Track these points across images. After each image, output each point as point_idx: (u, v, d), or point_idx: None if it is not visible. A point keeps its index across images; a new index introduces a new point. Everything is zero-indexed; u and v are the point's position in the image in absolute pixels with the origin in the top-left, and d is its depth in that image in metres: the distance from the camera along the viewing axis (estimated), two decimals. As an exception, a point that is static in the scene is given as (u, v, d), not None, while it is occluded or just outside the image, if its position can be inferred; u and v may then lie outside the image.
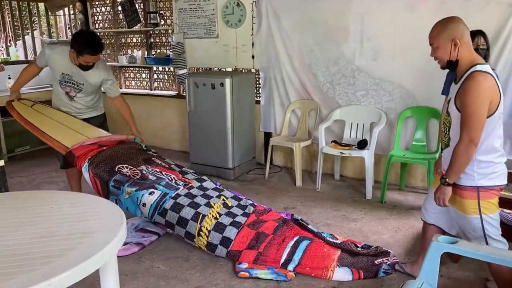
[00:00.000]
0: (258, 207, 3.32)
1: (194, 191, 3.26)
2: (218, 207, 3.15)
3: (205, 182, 3.43)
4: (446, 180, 2.21)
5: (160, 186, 3.19)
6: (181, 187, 3.26)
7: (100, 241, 1.58)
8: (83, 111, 3.69)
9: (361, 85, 4.31)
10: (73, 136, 3.44)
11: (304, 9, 4.43)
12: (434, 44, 2.23)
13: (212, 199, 3.22)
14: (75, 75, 3.47)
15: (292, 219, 3.31)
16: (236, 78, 4.53)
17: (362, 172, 4.31)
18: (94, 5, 6.32)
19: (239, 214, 3.15)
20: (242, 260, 2.87)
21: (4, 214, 1.88)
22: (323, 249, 2.91)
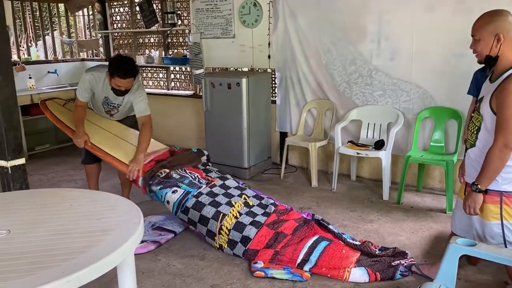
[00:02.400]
0: (280, 207, 3.33)
1: (216, 190, 3.34)
2: (239, 206, 3.20)
3: (228, 181, 3.51)
4: (477, 187, 2.10)
5: (183, 185, 3.30)
6: (203, 185, 3.36)
7: (118, 239, 1.61)
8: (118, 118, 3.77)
9: (379, 85, 4.28)
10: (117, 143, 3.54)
11: (321, 8, 4.42)
12: (476, 36, 2.11)
13: (234, 198, 3.28)
14: (113, 99, 3.49)
15: (313, 219, 3.30)
16: (252, 78, 4.54)
17: (379, 172, 4.27)
18: (113, 6, 6.40)
19: (259, 214, 3.18)
20: (258, 259, 2.88)
21: (25, 211, 1.93)
22: (341, 251, 2.88)
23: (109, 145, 3.50)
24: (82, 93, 3.42)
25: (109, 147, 3.49)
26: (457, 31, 3.74)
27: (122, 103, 3.55)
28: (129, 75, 3.20)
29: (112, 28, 6.46)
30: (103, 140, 3.51)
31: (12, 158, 2.48)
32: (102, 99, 3.53)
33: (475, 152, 2.17)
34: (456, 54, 3.79)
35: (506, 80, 2.00)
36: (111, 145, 3.51)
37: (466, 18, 3.64)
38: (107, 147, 3.47)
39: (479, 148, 2.15)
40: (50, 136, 5.93)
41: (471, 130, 2.21)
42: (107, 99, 3.52)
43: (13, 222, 1.79)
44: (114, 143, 3.56)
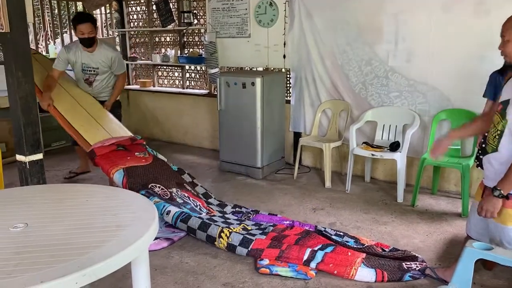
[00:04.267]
0: (279, 226, 3.33)
1: (216, 218, 3.41)
2: (238, 230, 3.21)
3: (228, 214, 3.57)
4: (500, 192, 2.04)
5: (185, 209, 3.38)
6: (204, 213, 3.46)
7: (133, 235, 1.62)
8: (100, 93, 4.26)
9: (394, 86, 4.24)
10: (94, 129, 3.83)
11: (337, 9, 4.40)
12: (506, 37, 2.06)
13: (233, 225, 3.31)
14: (88, 61, 4.07)
15: (315, 230, 3.29)
16: (267, 78, 4.54)
17: (394, 174, 4.24)
18: (130, 4, 6.46)
19: (258, 233, 3.19)
20: (264, 256, 2.89)
21: (43, 205, 1.96)
22: (347, 252, 2.89)
23: (76, 119, 3.82)
24: (57, 62, 4.06)
25: (76, 120, 3.79)
26: (475, 32, 3.70)
27: (98, 65, 4.09)
28: (85, 19, 3.93)
29: (129, 27, 6.53)
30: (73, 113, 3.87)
31: (30, 153, 2.53)
32: (81, 67, 4.10)
33: (497, 158, 2.11)
34: (474, 56, 3.74)
35: None
36: (79, 120, 3.83)
37: (485, 19, 3.63)
38: (74, 119, 3.79)
39: (502, 153, 2.09)
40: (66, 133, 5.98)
41: (493, 134, 2.15)
42: (84, 65, 4.10)
43: (30, 215, 1.82)
44: (84, 119, 3.91)
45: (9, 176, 3.85)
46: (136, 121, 6.67)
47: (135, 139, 3.94)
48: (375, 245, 3.09)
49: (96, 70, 4.13)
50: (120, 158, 3.66)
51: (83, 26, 3.89)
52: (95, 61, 4.08)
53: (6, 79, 2.53)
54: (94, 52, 4.05)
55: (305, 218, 3.65)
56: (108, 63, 4.12)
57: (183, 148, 6.00)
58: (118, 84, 4.29)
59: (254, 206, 3.92)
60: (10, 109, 2.58)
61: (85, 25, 3.90)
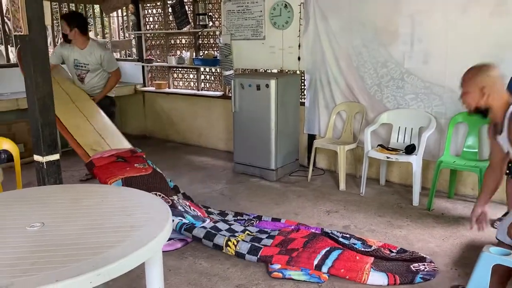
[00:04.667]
0: (284, 229, 3.31)
1: (220, 225, 3.36)
2: (243, 237, 3.19)
3: (230, 222, 3.50)
4: None
5: (188, 216, 3.36)
6: (207, 220, 3.41)
7: (147, 235, 1.63)
8: (93, 90, 4.51)
9: (410, 88, 4.19)
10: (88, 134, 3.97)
11: (352, 10, 4.37)
12: (464, 89, 2.18)
13: (237, 232, 3.27)
14: (80, 58, 4.38)
15: (322, 232, 3.27)
16: (282, 80, 4.54)
17: (409, 178, 4.19)
18: (146, 7, 6.52)
19: (264, 238, 3.17)
20: (275, 261, 2.87)
21: (59, 205, 1.98)
22: (355, 257, 2.88)
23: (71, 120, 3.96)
24: (51, 55, 4.35)
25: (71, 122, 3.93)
26: (494, 33, 3.64)
27: (88, 61, 4.38)
28: (62, 17, 4.43)
29: (145, 29, 6.59)
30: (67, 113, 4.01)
31: (47, 153, 2.56)
32: (73, 62, 4.41)
33: None
34: (492, 57, 3.64)
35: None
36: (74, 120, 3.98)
37: (504, 19, 3.57)
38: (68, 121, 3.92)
39: None
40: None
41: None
42: (76, 61, 4.40)
43: (47, 215, 1.84)
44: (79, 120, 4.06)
45: (27, 176, 3.92)
46: (152, 122, 6.73)
47: (135, 152, 3.95)
48: (382, 246, 3.08)
49: (87, 66, 4.42)
50: (119, 169, 3.59)
51: (64, 25, 4.30)
52: (85, 58, 4.39)
53: (25, 80, 2.57)
54: (85, 49, 4.37)
55: (319, 220, 3.63)
56: (98, 61, 4.41)
57: (198, 150, 6.02)
58: (110, 80, 4.56)
59: (267, 208, 3.91)
60: (28, 110, 2.62)
61: (63, 22, 4.34)
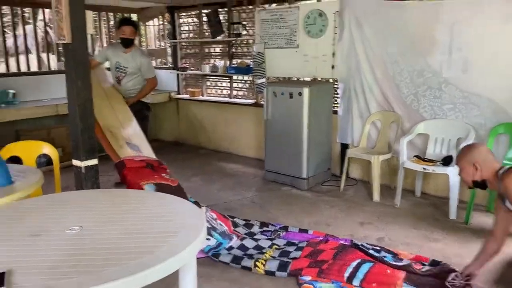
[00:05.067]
0: (313, 240, 3.25)
1: (247, 243, 3.27)
2: (271, 252, 3.13)
3: (257, 235, 3.43)
4: None
5: (215, 234, 3.24)
6: (234, 238, 3.32)
7: (183, 242, 1.64)
8: (128, 93, 4.63)
9: (448, 98, 4.08)
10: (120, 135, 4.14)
11: (389, 18, 4.31)
12: (459, 165, 2.43)
13: (265, 249, 3.20)
14: (122, 61, 4.56)
15: (352, 244, 3.19)
16: (314, 88, 4.51)
17: (446, 190, 4.06)
18: (181, 16, 6.64)
19: (292, 250, 3.11)
20: (305, 274, 2.82)
21: (97, 209, 2.02)
22: (386, 270, 2.79)
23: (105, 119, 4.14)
24: (98, 54, 4.89)
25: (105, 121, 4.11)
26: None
27: (129, 65, 4.55)
28: (129, 23, 4.53)
29: (180, 38, 6.71)
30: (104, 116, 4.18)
31: (86, 158, 2.63)
32: (115, 64, 4.60)
33: None
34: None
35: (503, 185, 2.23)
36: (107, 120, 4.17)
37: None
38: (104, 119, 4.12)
39: None
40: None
41: None
42: (118, 63, 4.58)
43: (85, 218, 1.89)
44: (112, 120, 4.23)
45: (65, 180, 4.02)
46: (185, 129, 6.81)
47: (162, 163, 4.01)
48: (414, 258, 3.00)
49: (126, 70, 4.58)
50: (149, 175, 3.62)
51: (127, 28, 4.47)
52: (127, 62, 4.56)
53: (67, 87, 2.66)
54: (128, 54, 4.56)
55: (352, 232, 3.57)
56: (138, 66, 4.57)
57: (229, 157, 6.05)
58: (145, 87, 4.70)
59: (298, 217, 3.88)
60: (69, 115, 2.70)
61: (128, 27, 4.47)
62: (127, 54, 4.55)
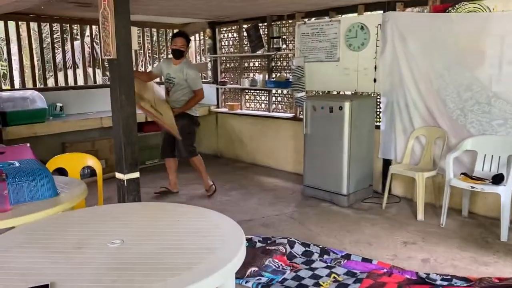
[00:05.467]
0: (375, 271, 3.02)
1: (302, 273, 3.07)
2: (327, 284, 2.92)
3: (315, 263, 3.22)
4: None
5: (266, 273, 3.06)
6: (287, 271, 3.11)
7: (222, 259, 1.61)
8: (176, 103, 4.73)
9: (498, 113, 3.89)
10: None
11: (433, 31, 4.18)
12: None
13: (322, 278, 2.99)
14: (171, 72, 4.69)
15: (418, 278, 2.92)
16: (356, 102, 4.42)
17: (496, 210, 3.84)
18: (222, 31, 6.74)
19: (350, 283, 2.88)
20: None
21: (138, 223, 2.04)
22: None
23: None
24: (154, 67, 5.21)
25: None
26: None
27: (176, 76, 4.66)
28: (180, 35, 4.71)
29: (220, 53, 6.79)
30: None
31: (129, 171, 2.67)
32: (166, 76, 4.74)
33: None
34: None
35: None
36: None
37: None
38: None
39: None
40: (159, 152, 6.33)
41: None
42: (168, 74, 4.72)
43: (126, 232, 1.89)
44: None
45: (107, 191, 4.11)
46: (223, 142, 6.85)
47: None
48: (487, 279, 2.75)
49: (174, 80, 4.69)
50: None
51: (178, 39, 4.65)
52: (175, 73, 4.67)
53: (111, 101, 2.72)
54: (177, 65, 4.66)
55: (395, 252, 3.43)
56: (184, 77, 4.64)
57: (266, 171, 6.02)
58: (192, 98, 4.75)
59: (339, 235, 3.77)
60: (113, 129, 2.76)
61: (179, 39, 4.65)
62: (176, 65, 4.67)
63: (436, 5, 4.23)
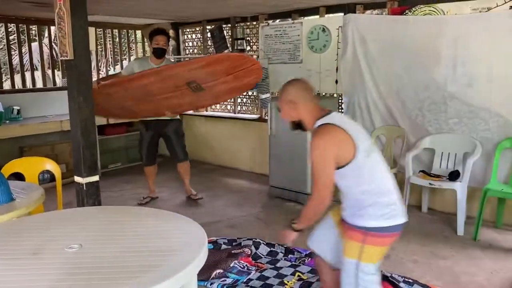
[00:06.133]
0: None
1: (267, 273, 3.10)
2: (292, 283, 2.96)
3: (279, 262, 3.26)
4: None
5: (231, 274, 3.07)
6: (252, 271, 3.12)
7: (183, 260, 1.61)
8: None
9: (454, 113, 4.04)
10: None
11: (392, 33, 4.30)
12: (278, 106, 2.21)
13: (286, 277, 3.04)
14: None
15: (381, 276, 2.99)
16: (318, 103, 4.48)
17: (453, 205, 3.99)
18: (186, 32, 6.69)
19: (314, 281, 2.93)
20: None
21: (98, 227, 1.99)
22: None
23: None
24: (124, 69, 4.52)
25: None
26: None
27: None
28: (163, 33, 4.40)
29: (184, 54, 6.74)
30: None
31: (88, 175, 2.61)
32: None
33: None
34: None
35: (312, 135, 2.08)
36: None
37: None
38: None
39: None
40: (122, 155, 6.24)
41: None
42: None
43: (85, 236, 1.85)
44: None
45: (68, 196, 4.00)
46: (189, 144, 6.74)
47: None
48: None
49: None
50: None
51: (160, 37, 4.34)
52: None
53: (69, 103, 2.65)
54: (160, 64, 4.30)
55: (357, 248, 3.50)
56: None
57: (233, 172, 6.01)
58: None
59: (304, 234, 3.80)
60: (71, 131, 2.69)
61: (161, 37, 4.35)
62: (159, 65, 4.29)
63: (394, 8, 4.36)
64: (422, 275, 3.05)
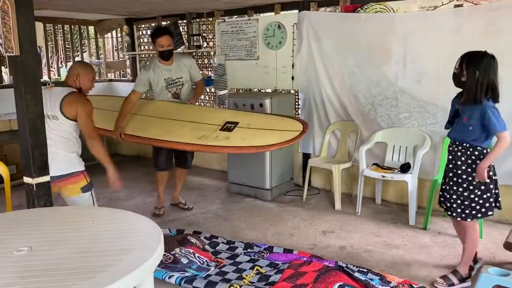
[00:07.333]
0: (296, 261, 3.10)
1: (226, 268, 3.13)
2: (250, 277, 2.98)
3: (239, 257, 3.29)
4: None
5: (191, 270, 3.07)
6: (212, 267, 3.14)
7: (138, 259, 1.59)
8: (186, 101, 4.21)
9: (404, 107, 4.21)
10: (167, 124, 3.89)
11: (345, 30, 4.41)
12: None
13: (245, 271, 3.06)
14: (172, 74, 4.08)
15: (336, 266, 3.06)
16: (276, 99, 4.54)
17: (405, 196, 4.16)
18: (140, 28, 6.56)
19: (272, 274, 2.96)
20: None
21: (48, 228, 1.94)
22: None
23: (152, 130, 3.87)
24: (138, 84, 4.06)
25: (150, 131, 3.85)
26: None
27: (183, 75, 4.10)
28: (164, 32, 4.00)
29: (139, 50, 6.61)
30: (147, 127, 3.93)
31: (38, 175, 2.51)
32: (164, 83, 4.07)
33: None
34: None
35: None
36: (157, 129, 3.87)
37: (495, 39, 3.60)
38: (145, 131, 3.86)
39: None
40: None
41: None
42: (169, 79, 4.07)
43: (35, 239, 1.79)
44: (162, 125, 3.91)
45: (19, 198, 3.83)
46: (145, 142, 6.67)
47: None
48: (402, 282, 2.86)
49: (181, 80, 4.12)
50: None
51: (163, 39, 3.95)
52: (177, 73, 4.10)
53: (15, 101, 2.54)
54: (172, 65, 4.06)
55: (315, 241, 3.58)
56: (188, 71, 4.14)
57: (192, 169, 5.94)
58: (199, 88, 4.32)
59: (263, 228, 3.86)
60: (19, 131, 2.58)
61: (165, 38, 3.96)
62: (172, 65, 4.06)
63: (346, 5, 4.47)
64: (376, 265, 3.17)
